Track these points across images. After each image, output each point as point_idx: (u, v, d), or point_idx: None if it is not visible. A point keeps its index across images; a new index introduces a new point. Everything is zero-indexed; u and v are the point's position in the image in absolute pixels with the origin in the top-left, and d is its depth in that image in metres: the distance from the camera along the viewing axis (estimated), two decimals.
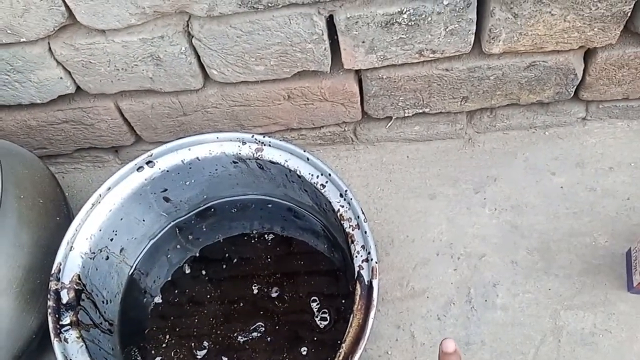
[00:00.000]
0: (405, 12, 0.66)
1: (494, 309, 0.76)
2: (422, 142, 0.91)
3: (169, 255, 0.81)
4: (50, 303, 0.64)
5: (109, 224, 0.70)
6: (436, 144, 0.91)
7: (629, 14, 0.68)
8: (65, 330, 0.63)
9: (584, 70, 0.77)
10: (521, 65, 0.75)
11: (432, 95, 0.80)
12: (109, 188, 0.70)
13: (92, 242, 0.69)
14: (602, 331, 0.72)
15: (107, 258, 0.72)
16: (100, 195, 0.69)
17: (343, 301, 0.74)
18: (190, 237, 0.82)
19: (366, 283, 0.61)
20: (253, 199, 0.82)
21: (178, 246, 0.82)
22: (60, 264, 0.66)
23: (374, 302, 0.59)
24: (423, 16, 0.66)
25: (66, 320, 0.63)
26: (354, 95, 0.80)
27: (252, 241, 0.82)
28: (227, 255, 0.81)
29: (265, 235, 0.82)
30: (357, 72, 0.78)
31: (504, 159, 0.87)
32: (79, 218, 0.68)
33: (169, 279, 0.80)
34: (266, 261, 0.80)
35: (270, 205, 0.82)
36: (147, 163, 0.71)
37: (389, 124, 0.87)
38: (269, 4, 0.64)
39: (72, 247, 0.67)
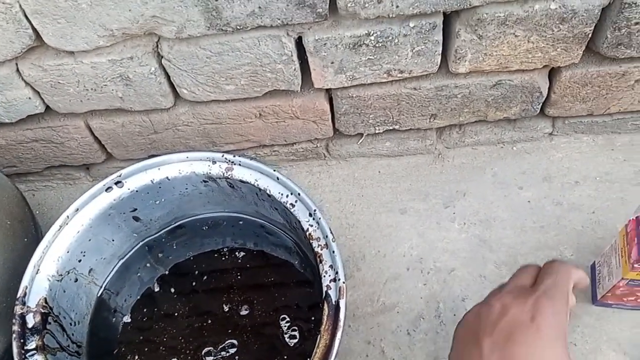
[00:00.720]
0: (372, 35, 0.67)
1: None
2: (394, 157, 0.92)
3: (139, 274, 0.81)
4: (15, 328, 0.63)
5: (76, 246, 0.70)
6: (407, 160, 0.92)
7: (590, 35, 0.70)
8: (30, 356, 0.62)
9: (549, 88, 0.79)
10: (487, 84, 0.77)
11: (401, 113, 0.81)
12: (77, 209, 0.70)
13: (60, 264, 0.68)
14: (568, 343, 0.74)
15: (76, 280, 0.72)
16: (67, 216, 0.69)
17: (313, 318, 0.75)
18: (160, 255, 0.82)
19: (333, 303, 0.62)
20: (224, 217, 0.82)
21: (148, 265, 0.82)
22: (27, 288, 0.65)
23: (341, 323, 0.60)
24: (390, 38, 0.67)
25: (32, 345, 0.63)
26: (325, 113, 0.81)
27: (223, 258, 0.82)
28: (197, 272, 0.81)
29: (237, 252, 0.82)
30: (328, 91, 0.79)
31: (473, 173, 0.89)
32: (46, 240, 0.68)
33: (139, 297, 0.80)
34: (237, 278, 0.80)
35: (241, 223, 0.83)
36: (116, 183, 0.71)
37: (361, 141, 0.88)
38: (238, 27, 0.64)
39: (38, 270, 0.67)
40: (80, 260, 0.72)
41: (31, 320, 0.64)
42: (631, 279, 0.61)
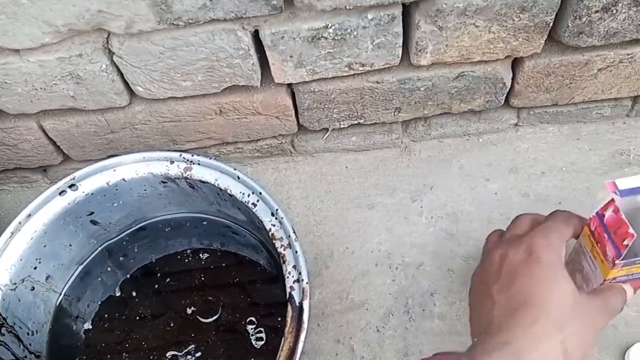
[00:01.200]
0: (330, 27, 0.65)
1: (432, 319, 0.76)
2: (360, 152, 0.91)
3: (100, 279, 0.79)
4: None
5: (30, 253, 0.67)
6: (374, 154, 0.91)
7: (551, 24, 0.69)
8: None
9: (513, 79, 0.79)
10: (450, 76, 0.75)
11: (365, 107, 0.80)
12: (30, 215, 0.67)
13: (13, 272, 0.66)
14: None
15: (32, 288, 0.69)
16: (19, 222, 0.66)
17: (279, 319, 0.74)
18: (122, 259, 0.80)
19: (297, 304, 0.60)
20: (187, 217, 0.80)
21: (109, 269, 0.79)
22: None
23: (305, 325, 0.58)
24: (348, 30, 0.66)
25: None
26: (288, 108, 0.79)
27: (187, 260, 0.80)
28: (161, 275, 0.79)
29: (201, 254, 0.80)
30: (289, 85, 0.77)
31: (440, 166, 0.88)
32: None
33: (101, 303, 0.77)
34: (201, 280, 0.78)
35: (205, 223, 0.81)
36: (70, 186, 0.68)
37: (326, 136, 0.87)
38: (190, 21, 0.62)
39: None
40: (35, 268, 0.70)
41: None
42: (614, 277, 0.53)
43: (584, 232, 0.52)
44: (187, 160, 0.69)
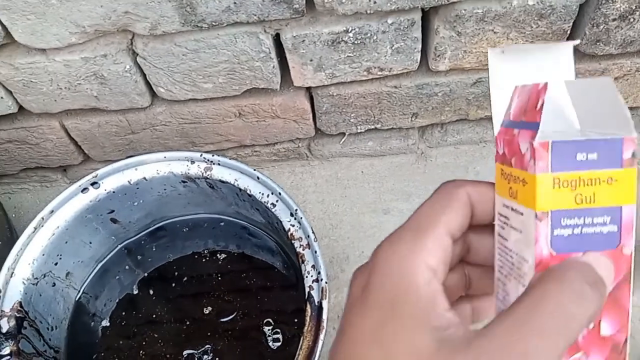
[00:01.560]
0: (350, 31, 0.66)
1: None
2: (376, 157, 0.91)
3: (118, 277, 0.79)
4: None
5: (52, 248, 0.68)
6: (390, 159, 0.91)
7: (568, 32, 0.69)
8: None
9: None
10: (468, 82, 0.76)
11: (382, 112, 0.81)
12: (52, 211, 0.68)
13: (35, 267, 0.66)
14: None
15: (53, 284, 0.70)
16: (42, 218, 0.67)
17: (296, 320, 0.74)
18: (140, 258, 0.81)
19: (316, 304, 0.61)
20: (205, 218, 0.81)
21: (127, 268, 0.80)
22: (1, 291, 0.63)
23: (324, 324, 0.59)
24: (368, 35, 0.67)
25: (6, 350, 0.61)
26: (306, 112, 0.80)
27: (204, 260, 0.80)
28: (178, 275, 0.80)
29: (218, 254, 0.81)
30: (308, 89, 0.78)
31: (456, 173, 0.88)
32: (20, 243, 0.66)
33: (118, 301, 0.78)
34: (218, 281, 0.79)
35: (222, 224, 0.81)
36: (92, 184, 0.69)
37: (343, 140, 0.88)
38: (213, 23, 0.63)
39: (13, 273, 0.65)
40: (56, 264, 0.70)
41: (5, 325, 0.62)
42: (551, 209, 0.25)
43: (497, 186, 0.29)
44: (208, 160, 0.70)
